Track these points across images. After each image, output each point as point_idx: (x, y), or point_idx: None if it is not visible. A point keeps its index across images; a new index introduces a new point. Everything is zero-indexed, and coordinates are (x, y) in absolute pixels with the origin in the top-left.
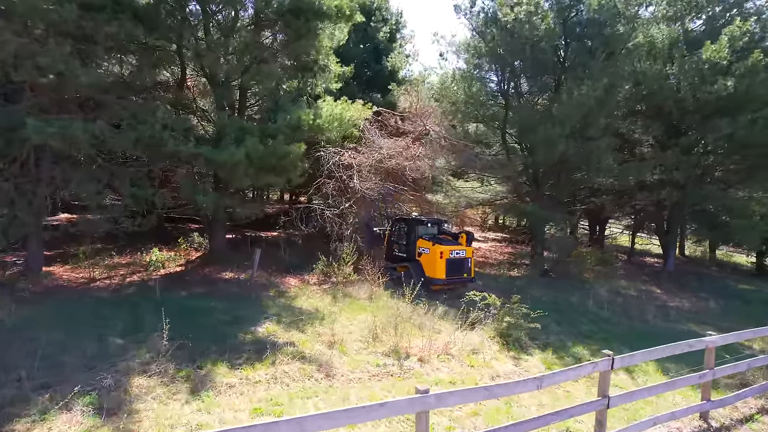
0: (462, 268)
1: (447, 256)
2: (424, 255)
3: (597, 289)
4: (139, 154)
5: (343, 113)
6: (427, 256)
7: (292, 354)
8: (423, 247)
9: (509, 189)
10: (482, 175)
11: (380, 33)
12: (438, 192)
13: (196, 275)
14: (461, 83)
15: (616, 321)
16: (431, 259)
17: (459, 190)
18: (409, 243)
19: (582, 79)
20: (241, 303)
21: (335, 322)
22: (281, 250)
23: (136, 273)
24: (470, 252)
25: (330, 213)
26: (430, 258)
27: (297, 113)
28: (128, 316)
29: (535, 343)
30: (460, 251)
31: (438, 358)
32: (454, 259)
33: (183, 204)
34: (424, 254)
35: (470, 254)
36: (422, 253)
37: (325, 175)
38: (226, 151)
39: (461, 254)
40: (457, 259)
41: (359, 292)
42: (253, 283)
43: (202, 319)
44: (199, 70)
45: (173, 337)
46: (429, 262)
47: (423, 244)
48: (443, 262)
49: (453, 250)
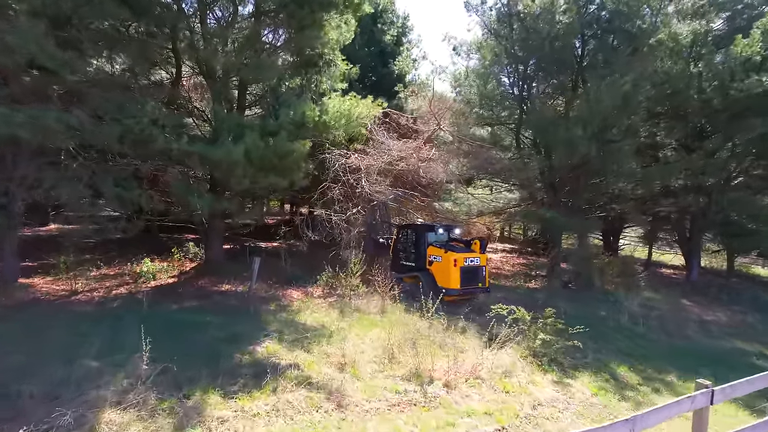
0: (477, 276)
1: (461, 264)
2: (435, 263)
3: (624, 301)
4: (125, 150)
5: (351, 110)
6: (439, 264)
7: (296, 379)
8: (434, 255)
9: (523, 196)
10: (494, 181)
11: (386, 36)
12: (447, 200)
13: (189, 287)
14: (476, 80)
15: (655, 337)
16: (444, 267)
17: (468, 198)
18: (418, 251)
19: (604, 77)
20: (238, 318)
21: (344, 340)
22: (282, 260)
23: (124, 285)
24: (485, 259)
25: (337, 219)
26: (442, 266)
27: (301, 108)
28: (109, 333)
29: (572, 363)
30: (475, 259)
31: (466, 382)
32: (468, 267)
33: (175, 208)
34: (435, 263)
35: (485, 262)
36: (433, 261)
37: (330, 178)
38: (223, 148)
39: (476, 262)
40: (471, 268)
41: (369, 306)
42: (251, 295)
43: (194, 337)
44: (195, 66)
45: (157, 358)
46: (441, 271)
47: (434, 252)
48: (457, 270)
49: (467, 258)
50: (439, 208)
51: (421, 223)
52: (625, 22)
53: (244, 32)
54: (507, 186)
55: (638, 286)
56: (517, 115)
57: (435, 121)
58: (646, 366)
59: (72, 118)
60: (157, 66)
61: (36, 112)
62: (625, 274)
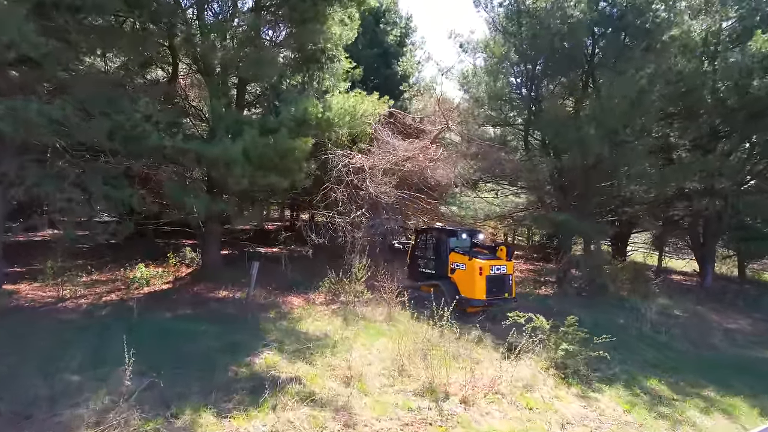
0: (503, 286)
1: (487, 273)
2: (458, 271)
3: (641, 308)
4: (115, 148)
5: (356, 106)
6: (462, 272)
7: (298, 395)
8: (457, 262)
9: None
10: (501, 184)
11: (389, 36)
12: (452, 203)
13: (184, 294)
14: (485, 78)
15: (680, 347)
16: (468, 276)
17: (474, 202)
18: (438, 257)
19: (617, 74)
20: (235, 326)
21: (350, 351)
22: (282, 265)
23: (115, 291)
24: (511, 267)
25: (341, 221)
26: (466, 275)
27: (303, 105)
28: (93, 343)
29: (597, 376)
30: (501, 266)
31: (485, 397)
32: (494, 275)
33: (169, 210)
34: (458, 270)
35: (511, 270)
36: (456, 269)
37: (333, 180)
38: (220, 146)
39: (502, 270)
40: (497, 276)
41: (374, 313)
42: (250, 302)
43: (186, 347)
44: (192, 64)
45: (144, 371)
46: (465, 280)
47: (457, 259)
48: (483, 279)
49: (493, 266)
50: (446, 212)
51: (442, 227)
52: (638, 17)
53: (243, 27)
54: (514, 189)
55: (653, 292)
56: (527, 114)
57: (443, 120)
58: (676, 378)
59: (55, 110)
60: (153, 64)
61: (16, 104)
62: (638, 280)
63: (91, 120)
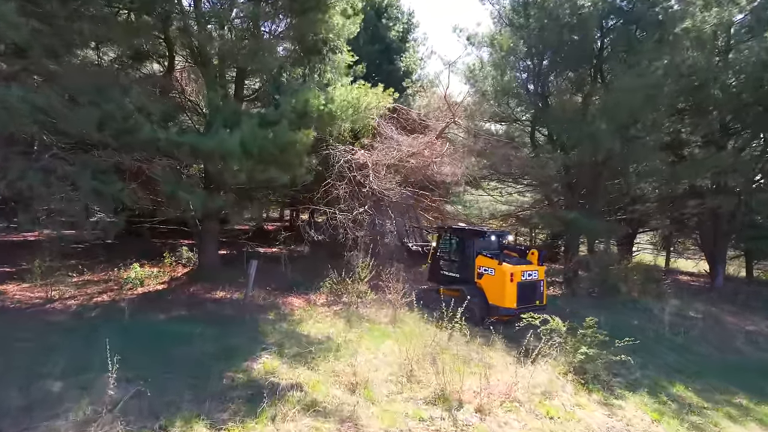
0: (534, 293)
1: (518, 279)
2: (486, 276)
3: (654, 309)
4: (106, 140)
5: (359, 99)
6: (490, 278)
7: (299, 403)
8: (485, 267)
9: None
10: (506, 182)
11: (392, 32)
12: (455, 202)
13: (180, 294)
14: (492, 71)
15: (701, 350)
16: (497, 282)
17: (478, 201)
18: (463, 260)
19: (630, 67)
20: (232, 329)
21: (354, 355)
22: (282, 265)
23: (107, 292)
24: (543, 273)
25: (343, 218)
26: (495, 281)
27: (305, 96)
28: (80, 347)
29: (618, 381)
30: (533, 272)
31: (502, 406)
32: (526, 282)
33: (164, 207)
34: (486, 276)
35: (543, 275)
36: (484, 273)
37: (335, 176)
38: (216, 138)
39: (533, 276)
40: (529, 282)
41: (378, 315)
42: (248, 303)
43: (179, 351)
44: (189, 56)
45: (132, 378)
46: (494, 286)
47: (484, 263)
48: (514, 286)
49: (525, 271)
50: (452, 210)
51: (468, 227)
52: (649, 8)
53: (242, 16)
54: (519, 188)
55: (665, 293)
56: (534, 110)
57: (448, 114)
58: (702, 384)
59: (39, 97)
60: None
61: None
62: (649, 280)
63: (78, 109)
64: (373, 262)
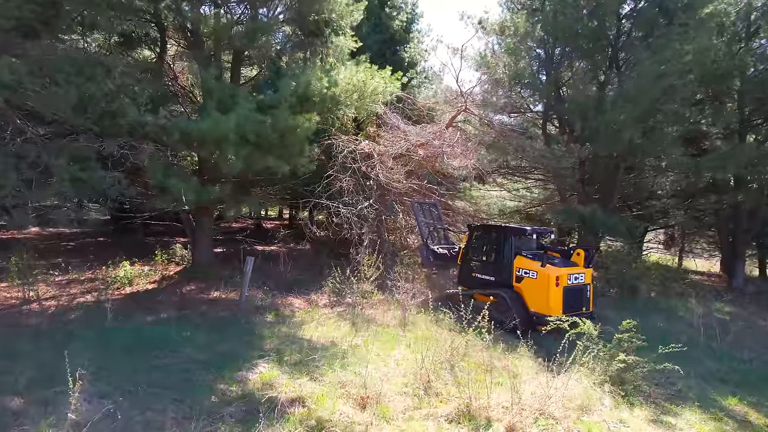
0: (581, 299)
1: (564, 284)
2: (526, 280)
3: (679, 311)
4: (85, 124)
5: (366, 82)
6: (532, 282)
7: (302, 423)
8: (525, 269)
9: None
10: (515, 177)
11: (395, 21)
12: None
13: (171, 294)
14: (505, 58)
15: (741, 356)
16: (540, 286)
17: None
18: (500, 262)
19: (654, 53)
20: (226, 332)
21: (363, 363)
22: (281, 263)
23: (92, 291)
24: (590, 276)
25: (347, 212)
26: (537, 285)
27: (306, 78)
28: (51, 355)
29: (662, 393)
30: (579, 275)
31: (536, 423)
32: (572, 286)
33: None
34: (526, 279)
35: (590, 279)
36: (524, 276)
37: (338, 167)
38: (209, 120)
39: (580, 279)
40: (576, 287)
41: (385, 317)
42: (244, 303)
43: (165, 360)
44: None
45: (109, 391)
46: (536, 291)
47: (524, 264)
48: (559, 291)
49: (572, 274)
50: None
51: (504, 225)
52: None
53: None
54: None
55: (685, 293)
56: (549, 98)
57: (459, 101)
58: (758, 396)
59: (2, 71)
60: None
61: None
62: (668, 280)
63: (53, 88)
64: (379, 259)
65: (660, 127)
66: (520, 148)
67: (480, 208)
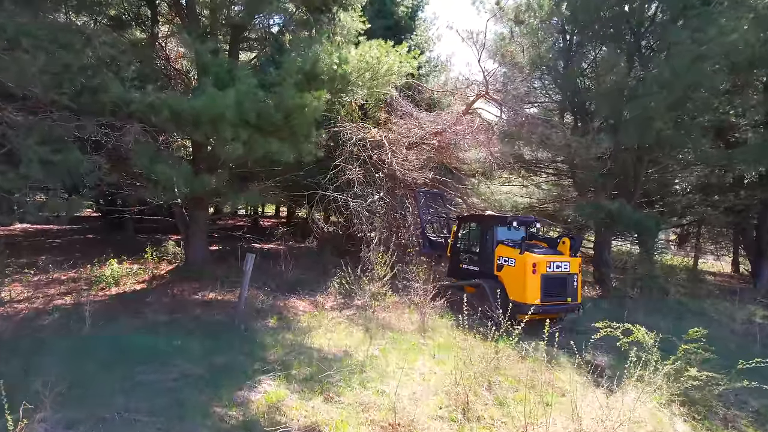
0: (564, 288)
1: (542, 271)
2: (506, 268)
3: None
4: (60, 100)
5: (380, 60)
6: (511, 269)
7: None
8: (505, 257)
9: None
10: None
11: (401, 8)
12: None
13: (162, 295)
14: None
15: None
16: (517, 274)
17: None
18: (483, 251)
19: (695, 31)
20: (223, 340)
21: (384, 378)
22: (281, 262)
23: (72, 292)
24: (576, 265)
25: (357, 205)
26: (515, 272)
27: (314, 54)
28: (13, 371)
29: (738, 415)
30: (562, 263)
31: None
32: (552, 274)
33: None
34: (506, 267)
35: (576, 268)
36: (504, 265)
37: (346, 154)
38: (205, 97)
39: (564, 267)
40: (557, 276)
41: (401, 321)
42: (243, 306)
43: (151, 375)
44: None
45: (80, 419)
46: (514, 279)
47: (505, 253)
48: (537, 278)
49: (551, 261)
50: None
51: (489, 214)
52: None
53: None
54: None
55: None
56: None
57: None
58: None
59: None
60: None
61: None
62: (693, 280)
63: (18, 54)
64: (393, 257)
65: (690, 117)
66: (545, 137)
67: (491, 204)
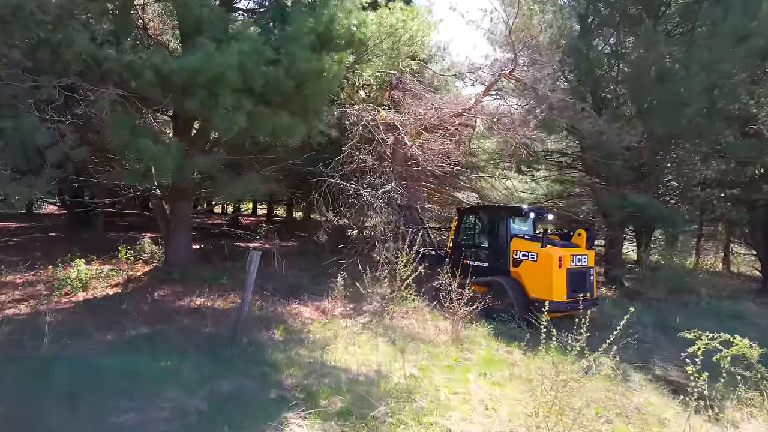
0: (584, 283)
1: (567, 265)
2: (526, 263)
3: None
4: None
5: (405, 24)
6: (532, 265)
7: None
8: (523, 251)
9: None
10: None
11: None
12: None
13: (140, 301)
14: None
15: None
16: (541, 269)
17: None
18: (496, 245)
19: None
20: (222, 359)
21: (441, 409)
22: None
23: (31, 299)
24: (593, 258)
25: (369, 195)
26: (538, 268)
27: (329, 11)
28: None
29: None
30: (582, 257)
31: None
32: (574, 269)
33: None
34: (526, 262)
35: (593, 262)
36: (522, 260)
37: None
38: (201, 54)
39: (583, 261)
40: (578, 270)
41: (427, 330)
42: (246, 315)
43: (132, 414)
44: None
45: None
46: (536, 275)
47: (523, 246)
48: (563, 273)
49: (575, 255)
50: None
51: (498, 205)
52: None
53: None
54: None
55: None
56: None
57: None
58: None
59: None
60: None
61: None
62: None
63: None
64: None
65: (719, 105)
66: (576, 122)
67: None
